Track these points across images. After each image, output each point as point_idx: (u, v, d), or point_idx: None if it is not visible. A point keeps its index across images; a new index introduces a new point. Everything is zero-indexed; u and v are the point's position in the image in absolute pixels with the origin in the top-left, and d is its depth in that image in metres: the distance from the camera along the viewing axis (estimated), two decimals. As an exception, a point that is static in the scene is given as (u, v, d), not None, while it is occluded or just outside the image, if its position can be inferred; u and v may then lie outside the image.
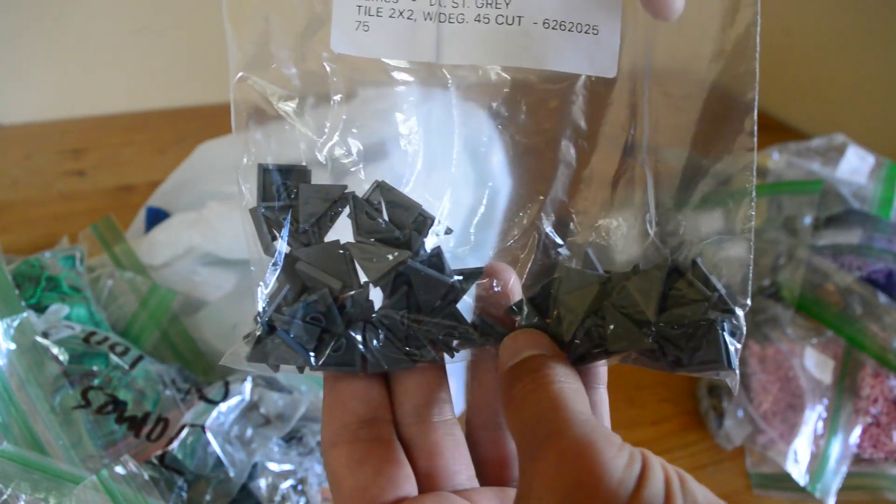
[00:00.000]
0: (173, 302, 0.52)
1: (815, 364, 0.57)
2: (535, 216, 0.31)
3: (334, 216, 0.28)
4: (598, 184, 0.31)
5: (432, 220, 0.29)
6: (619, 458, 0.20)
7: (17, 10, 0.94)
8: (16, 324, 0.42)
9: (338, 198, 0.28)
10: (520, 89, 0.32)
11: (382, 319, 0.27)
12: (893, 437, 0.54)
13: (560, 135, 0.32)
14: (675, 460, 0.55)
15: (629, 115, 0.31)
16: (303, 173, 0.29)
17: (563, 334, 0.26)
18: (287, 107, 0.30)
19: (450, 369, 0.60)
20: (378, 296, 0.28)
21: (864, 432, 0.54)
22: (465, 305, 0.28)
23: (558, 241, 0.31)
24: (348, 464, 0.25)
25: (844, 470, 0.53)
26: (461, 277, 0.28)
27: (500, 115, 0.33)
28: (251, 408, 0.43)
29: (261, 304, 0.27)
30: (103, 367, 0.43)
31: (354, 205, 0.28)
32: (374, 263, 0.27)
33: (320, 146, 0.30)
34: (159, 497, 0.37)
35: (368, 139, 0.58)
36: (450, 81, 0.32)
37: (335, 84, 0.31)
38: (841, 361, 0.57)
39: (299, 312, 0.26)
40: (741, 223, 0.27)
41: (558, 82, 0.31)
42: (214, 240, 0.51)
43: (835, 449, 0.54)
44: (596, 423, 0.22)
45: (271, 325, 0.26)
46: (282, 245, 0.27)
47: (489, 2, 0.28)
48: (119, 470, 0.36)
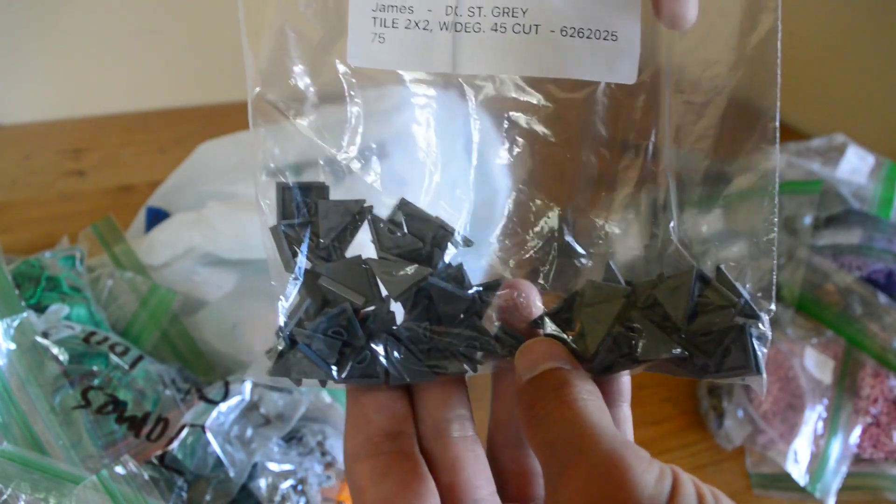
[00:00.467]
0: (173, 302, 0.52)
1: (815, 364, 0.57)
2: (556, 225, 0.31)
3: (354, 230, 0.29)
4: (620, 191, 0.31)
5: (452, 232, 0.29)
6: (649, 473, 0.20)
7: (17, 10, 0.94)
8: (16, 324, 0.42)
9: (357, 212, 0.28)
10: (539, 98, 0.32)
11: (404, 332, 0.27)
12: (893, 437, 0.54)
13: (581, 143, 0.32)
14: (675, 460, 0.55)
15: (650, 122, 0.30)
16: (321, 189, 0.29)
17: (587, 347, 0.26)
18: (304, 121, 0.30)
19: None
20: (400, 309, 0.28)
21: (864, 432, 0.54)
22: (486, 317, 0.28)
23: (580, 250, 0.31)
24: (371, 477, 0.25)
25: (844, 470, 0.53)
26: (481, 289, 0.28)
27: (519, 125, 0.33)
28: (251, 408, 0.43)
29: (282, 319, 0.27)
30: (103, 367, 0.43)
31: (373, 220, 0.28)
32: (395, 278, 0.27)
33: (339, 159, 0.31)
34: (159, 497, 0.37)
35: (371, 140, 0.58)
36: (468, 92, 0.32)
37: (352, 97, 0.31)
38: (841, 361, 0.57)
39: (321, 326, 0.26)
40: (763, 229, 0.28)
41: (578, 90, 0.31)
42: (214, 240, 0.51)
43: (835, 449, 0.54)
44: (623, 438, 0.22)
45: (293, 340, 0.27)
46: (302, 260, 0.28)
47: (506, 10, 0.28)
48: (119, 470, 0.36)
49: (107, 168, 0.92)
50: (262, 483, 0.42)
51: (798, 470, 0.53)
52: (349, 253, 0.29)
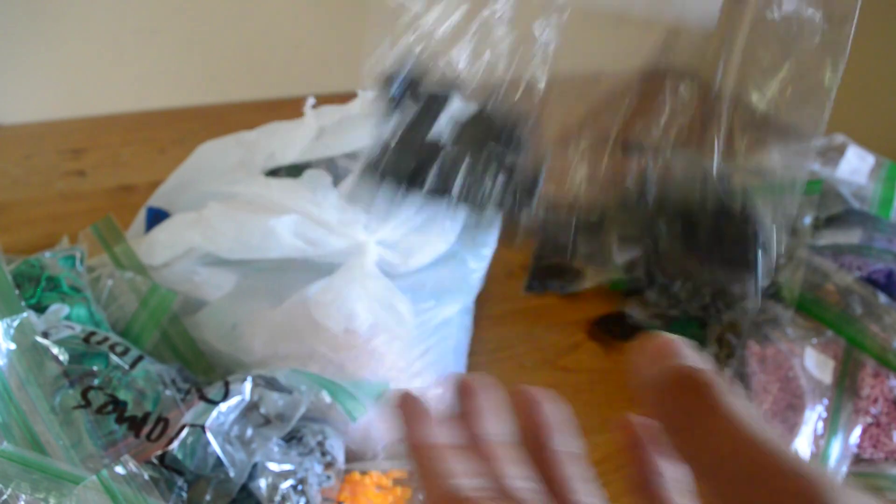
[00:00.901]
0: (173, 302, 0.52)
1: (815, 364, 0.57)
2: (609, 147, 0.34)
3: (442, 102, 0.34)
4: (677, 121, 0.33)
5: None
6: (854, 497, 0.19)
7: (17, 10, 0.94)
8: (16, 324, 0.42)
9: (447, 95, 0.34)
10: (623, 27, 0.35)
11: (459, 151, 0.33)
12: (893, 437, 0.54)
13: (653, 74, 0.34)
14: (675, 460, 0.55)
15: (719, 68, 0.33)
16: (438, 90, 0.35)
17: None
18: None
19: (450, 368, 0.60)
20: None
21: (864, 432, 0.54)
22: None
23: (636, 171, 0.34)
24: None
25: (844, 470, 0.53)
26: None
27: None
28: (251, 408, 0.43)
29: (376, 135, 0.32)
30: (103, 367, 0.43)
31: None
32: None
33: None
34: (159, 497, 0.37)
35: (368, 140, 0.58)
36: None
37: None
38: (841, 361, 0.57)
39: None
40: (794, 177, 0.30)
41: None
42: (214, 240, 0.51)
43: (835, 449, 0.54)
44: (801, 458, 0.20)
45: (384, 150, 0.31)
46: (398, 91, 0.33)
47: None
48: (119, 470, 0.36)
49: (107, 168, 0.92)
50: (262, 483, 0.42)
51: (798, 470, 0.53)
52: None
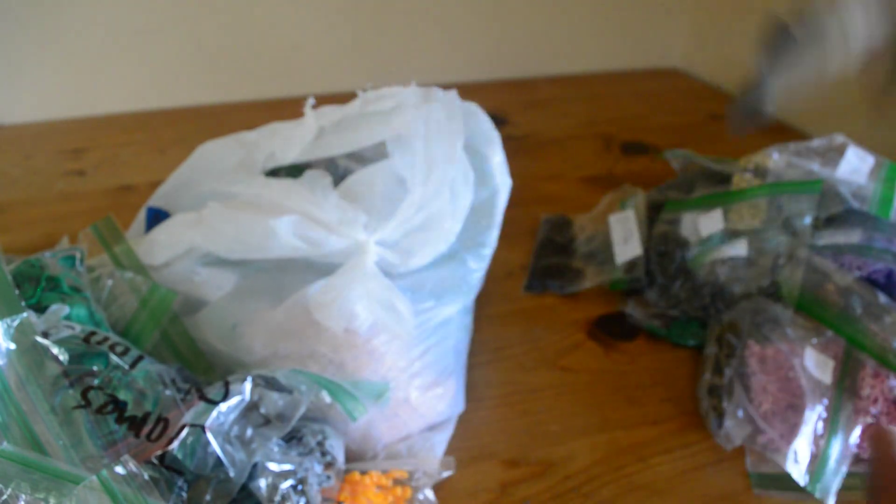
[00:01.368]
0: (173, 302, 0.52)
1: (815, 364, 0.57)
2: None
3: None
4: None
5: None
6: None
7: (17, 11, 0.94)
8: (16, 324, 0.42)
9: None
10: None
11: None
12: (893, 437, 0.54)
13: None
14: (675, 460, 0.55)
15: None
16: None
17: None
18: None
19: (450, 367, 0.60)
20: None
21: (864, 432, 0.54)
22: None
23: None
24: None
25: (844, 470, 0.53)
26: None
27: None
28: (251, 408, 0.43)
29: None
30: (103, 367, 0.43)
31: None
32: None
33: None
34: (159, 497, 0.37)
35: (368, 140, 0.58)
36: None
37: None
38: (841, 361, 0.57)
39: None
40: None
41: None
42: (214, 240, 0.51)
43: (835, 449, 0.54)
44: None
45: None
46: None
47: None
48: (119, 470, 0.36)
49: (107, 168, 0.92)
50: (262, 483, 0.42)
51: (798, 470, 0.53)
52: None
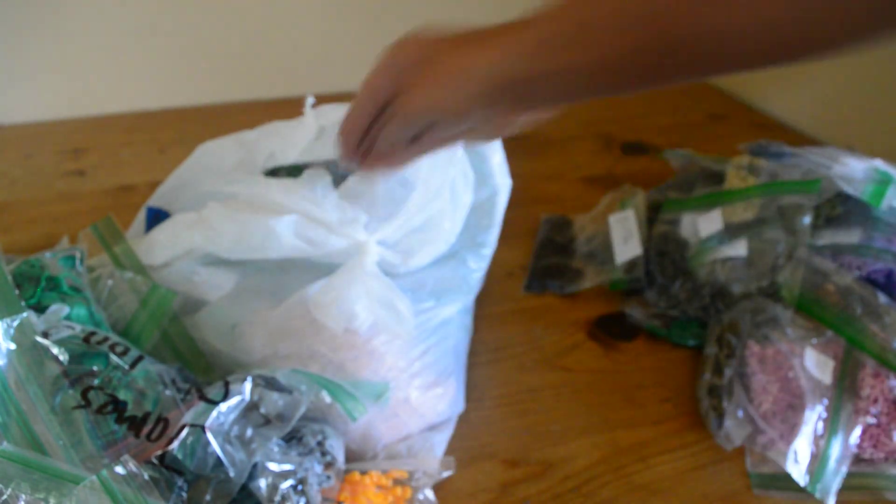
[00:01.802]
0: (173, 302, 0.52)
1: (815, 364, 0.57)
2: None
3: None
4: None
5: None
6: None
7: (17, 11, 0.94)
8: (16, 324, 0.42)
9: None
10: None
11: None
12: (893, 437, 0.54)
13: None
14: (675, 460, 0.55)
15: None
16: None
17: None
18: None
19: (450, 368, 0.60)
20: None
21: (864, 432, 0.54)
22: None
23: None
24: None
25: (844, 470, 0.53)
26: None
27: None
28: (251, 408, 0.43)
29: None
30: (103, 367, 0.43)
31: None
32: None
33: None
34: (159, 497, 0.37)
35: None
36: None
37: None
38: (841, 361, 0.57)
39: None
40: None
41: None
42: (214, 240, 0.51)
43: (835, 449, 0.54)
44: None
45: None
46: None
47: None
48: (119, 470, 0.36)
49: (107, 168, 0.92)
50: (262, 483, 0.42)
51: (798, 470, 0.53)
52: None
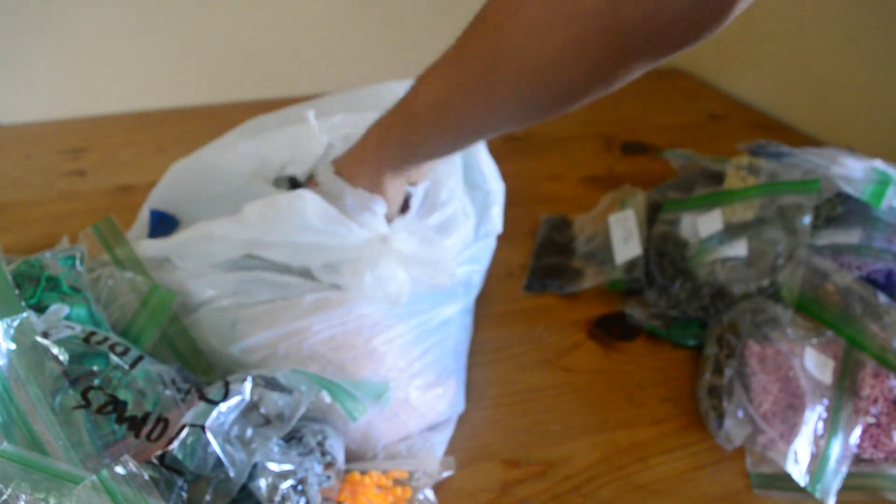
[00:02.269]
0: (173, 302, 0.51)
1: (815, 364, 0.57)
2: None
3: None
4: None
5: None
6: None
7: (17, 10, 0.94)
8: (16, 324, 0.42)
9: None
10: None
11: None
12: (893, 437, 0.54)
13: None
14: (675, 460, 0.55)
15: None
16: None
17: None
18: None
19: (450, 368, 0.60)
20: None
21: (864, 432, 0.54)
22: None
23: None
24: None
25: (844, 470, 0.53)
26: None
27: None
28: (251, 408, 0.43)
29: None
30: (103, 367, 0.43)
31: None
32: None
33: None
34: (159, 497, 0.37)
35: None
36: None
37: None
38: (841, 361, 0.57)
39: None
40: None
41: None
42: (241, 226, 0.51)
43: (835, 449, 0.54)
44: None
45: None
46: None
47: None
48: (119, 470, 0.36)
49: (107, 168, 0.92)
50: (262, 483, 0.42)
51: (798, 470, 0.53)
52: None
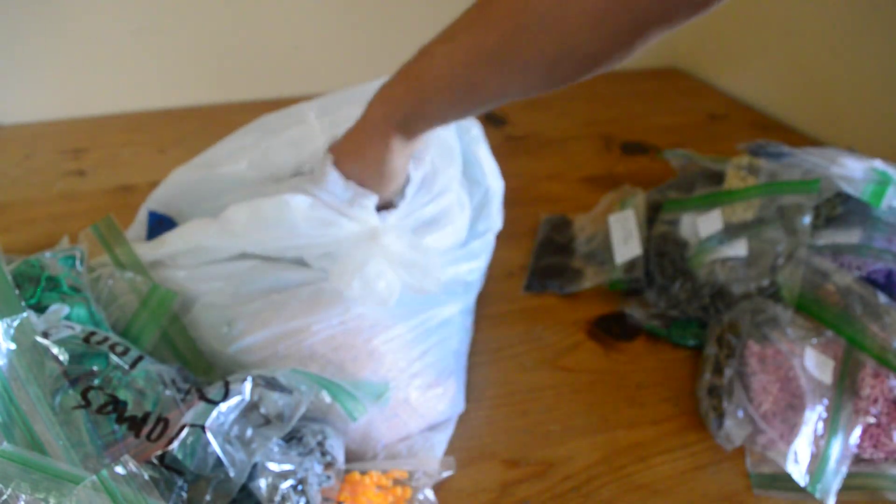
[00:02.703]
0: (173, 302, 0.52)
1: (815, 364, 0.57)
2: None
3: None
4: None
5: None
6: None
7: (17, 10, 0.94)
8: (16, 324, 0.42)
9: None
10: None
11: None
12: (893, 437, 0.54)
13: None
14: (675, 460, 0.55)
15: None
16: None
17: None
18: None
19: (450, 367, 0.60)
20: None
21: (864, 432, 0.54)
22: None
23: None
24: None
25: (844, 470, 0.53)
26: None
27: None
28: (251, 408, 0.43)
29: None
30: (103, 367, 0.43)
31: None
32: None
33: None
34: (159, 497, 0.37)
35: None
36: None
37: None
38: (841, 361, 0.57)
39: None
40: None
41: None
42: (228, 228, 0.51)
43: (835, 449, 0.54)
44: None
45: None
46: None
47: None
48: (119, 470, 0.36)
49: (107, 168, 0.92)
50: (262, 483, 0.42)
51: (798, 470, 0.53)
52: None
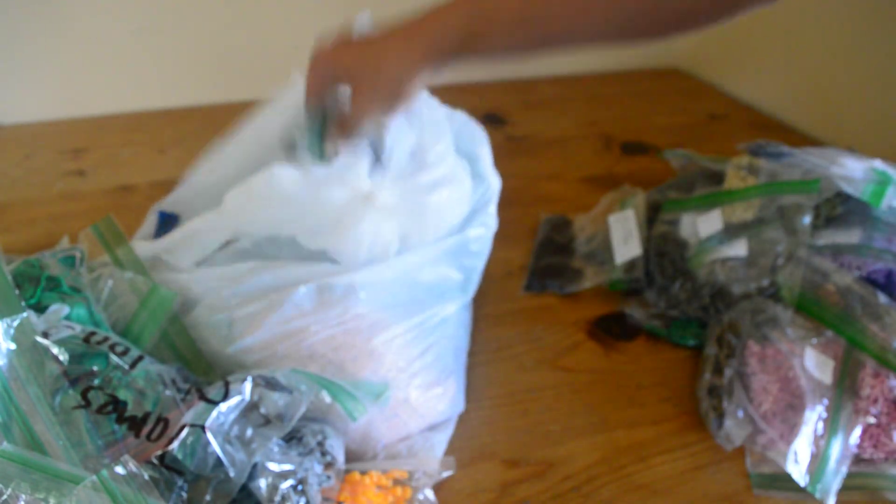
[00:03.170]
0: (173, 302, 0.52)
1: (815, 364, 0.57)
2: None
3: None
4: None
5: None
6: None
7: (18, 11, 0.94)
8: (16, 324, 0.42)
9: None
10: None
11: None
12: (893, 437, 0.54)
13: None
14: (675, 460, 0.55)
15: None
16: None
17: None
18: None
19: (450, 367, 0.60)
20: None
21: (864, 432, 0.54)
22: None
23: None
24: None
25: (844, 470, 0.53)
26: None
27: None
28: (251, 408, 0.43)
29: None
30: (103, 367, 0.43)
31: None
32: None
33: None
34: (159, 497, 0.37)
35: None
36: None
37: None
38: (841, 361, 0.57)
39: None
40: None
41: None
42: (222, 212, 0.52)
43: (835, 449, 0.54)
44: None
45: None
46: None
47: None
48: (119, 470, 0.36)
49: (107, 168, 0.92)
50: (262, 483, 0.42)
51: (798, 470, 0.53)
52: None
